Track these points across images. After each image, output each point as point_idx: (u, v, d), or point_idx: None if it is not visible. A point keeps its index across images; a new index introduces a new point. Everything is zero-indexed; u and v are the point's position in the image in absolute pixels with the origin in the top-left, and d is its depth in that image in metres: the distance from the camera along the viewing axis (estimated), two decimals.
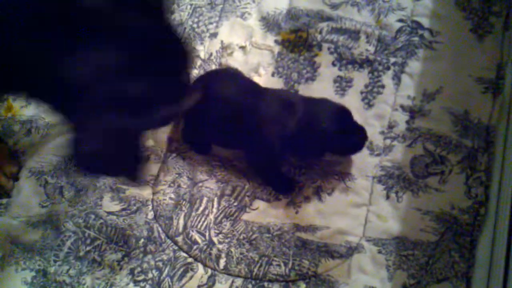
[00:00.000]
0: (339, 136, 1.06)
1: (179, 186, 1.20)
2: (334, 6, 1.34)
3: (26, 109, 1.36)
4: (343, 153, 1.13)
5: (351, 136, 1.08)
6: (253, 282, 1.10)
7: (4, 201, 1.26)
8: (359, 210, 1.12)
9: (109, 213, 1.20)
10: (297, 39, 1.32)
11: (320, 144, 1.07)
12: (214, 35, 1.36)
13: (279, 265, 1.10)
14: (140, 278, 1.12)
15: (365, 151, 1.16)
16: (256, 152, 1.13)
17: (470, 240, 1.06)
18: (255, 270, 1.10)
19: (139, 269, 1.14)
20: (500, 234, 0.95)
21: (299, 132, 1.07)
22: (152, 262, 1.13)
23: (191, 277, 1.12)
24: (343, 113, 1.08)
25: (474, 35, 1.25)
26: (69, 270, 1.15)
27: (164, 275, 1.12)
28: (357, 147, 1.10)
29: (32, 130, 1.32)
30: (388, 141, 1.17)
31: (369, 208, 1.12)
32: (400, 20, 1.29)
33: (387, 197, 1.12)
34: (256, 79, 1.29)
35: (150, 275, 1.12)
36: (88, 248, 1.17)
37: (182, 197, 1.18)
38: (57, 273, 1.15)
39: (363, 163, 1.16)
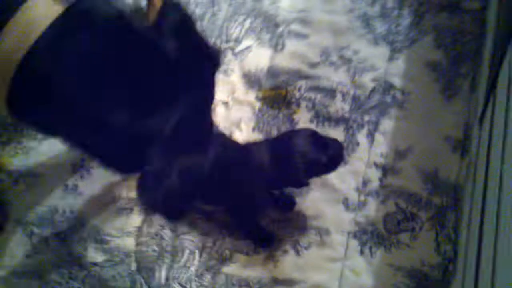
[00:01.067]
0: (316, 154, 1.08)
1: (162, 238, 1.24)
2: (312, 65, 1.41)
3: (14, 159, 1.39)
4: (327, 170, 1.13)
5: (327, 149, 1.10)
6: None
7: None
8: (334, 265, 1.18)
9: (93, 263, 1.23)
10: (276, 96, 1.39)
11: (301, 170, 1.08)
12: None
13: None
14: None
15: (341, 207, 1.22)
16: (236, 207, 1.18)
17: None
18: None
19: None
20: None
21: (276, 170, 1.11)
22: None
23: None
24: (311, 134, 1.11)
25: (443, 96, 1.33)
26: None
27: None
28: (338, 158, 1.12)
29: (19, 180, 1.35)
30: (362, 197, 1.23)
31: (344, 263, 1.17)
32: (374, 80, 1.36)
33: (361, 252, 1.18)
34: (237, 134, 1.34)
35: None
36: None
37: (164, 248, 1.22)
38: None
39: (339, 218, 1.21)
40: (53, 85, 0.80)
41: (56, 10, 0.80)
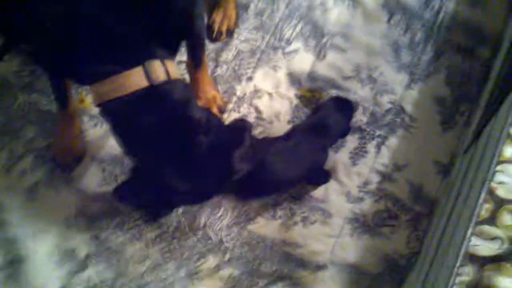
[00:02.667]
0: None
1: None
2: (345, 78, 1.75)
3: (93, 107, 1.74)
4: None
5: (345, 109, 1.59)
6: (246, 275, 1.55)
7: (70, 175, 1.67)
8: (330, 239, 1.58)
9: None
10: (311, 97, 1.73)
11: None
12: (250, 78, 1.77)
13: (267, 267, 1.56)
14: (166, 256, 1.57)
15: (344, 198, 1.61)
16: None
17: (400, 277, 1.53)
18: (249, 266, 1.56)
19: (166, 249, 1.58)
20: (420, 278, 1.41)
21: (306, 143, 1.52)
22: (177, 246, 1.58)
23: (203, 263, 1.56)
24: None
25: (441, 127, 1.68)
26: (116, 239, 1.58)
27: (184, 256, 1.57)
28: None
29: (98, 125, 1.72)
30: (361, 194, 1.62)
31: (337, 240, 1.57)
32: (391, 102, 1.71)
33: (351, 235, 1.58)
34: (275, 122, 1.70)
35: (174, 255, 1.57)
36: (131, 225, 1.60)
37: (207, 203, 1.61)
38: (107, 239, 1.59)
39: (341, 206, 1.60)
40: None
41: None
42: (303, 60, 1.77)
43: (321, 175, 1.57)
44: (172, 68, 1.19)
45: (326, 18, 1.83)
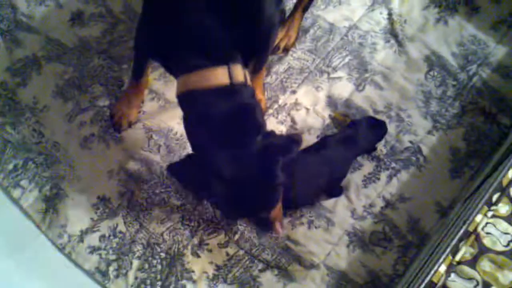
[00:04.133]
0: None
1: None
2: (376, 112, 1.97)
3: (156, 83, 2.00)
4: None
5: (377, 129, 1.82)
6: (248, 256, 1.77)
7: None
8: (328, 245, 1.78)
9: None
10: (342, 121, 1.95)
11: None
12: (293, 92, 2.00)
13: (267, 254, 1.77)
14: (185, 223, 1.80)
15: (349, 213, 1.81)
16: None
17: None
18: (253, 250, 1.77)
19: (187, 217, 1.81)
20: None
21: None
22: (197, 216, 1.81)
23: (214, 237, 1.79)
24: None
25: (450, 174, 1.88)
26: (147, 198, 1.82)
27: (200, 228, 1.79)
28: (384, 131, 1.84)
29: (155, 99, 1.97)
30: (365, 214, 1.82)
31: (334, 247, 1.78)
32: (411, 142, 1.92)
33: (347, 246, 1.78)
34: (306, 135, 1.93)
35: (192, 224, 1.80)
36: (162, 190, 1.84)
37: None
38: (139, 197, 1.83)
39: (344, 219, 1.81)
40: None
41: None
42: (344, 88, 1.99)
43: (337, 188, 1.77)
44: (247, 74, 1.37)
45: (373, 57, 2.05)
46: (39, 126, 1.88)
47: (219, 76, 1.30)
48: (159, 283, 1.69)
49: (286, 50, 2.01)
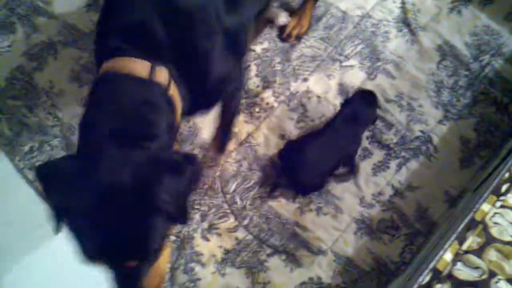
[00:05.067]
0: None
1: (241, 165, 1.89)
2: (387, 100, 1.98)
3: None
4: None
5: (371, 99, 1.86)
6: (257, 241, 1.80)
7: None
8: (336, 232, 1.81)
9: None
10: None
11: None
12: (305, 79, 2.02)
13: (276, 239, 1.80)
14: (196, 207, 1.83)
15: (357, 200, 1.83)
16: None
17: (386, 279, 1.74)
18: (262, 235, 1.80)
19: (197, 201, 1.84)
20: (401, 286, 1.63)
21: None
22: (207, 201, 1.84)
23: (224, 221, 1.82)
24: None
25: (460, 164, 1.88)
26: None
27: (210, 212, 1.83)
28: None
29: None
30: (373, 201, 1.84)
31: (342, 234, 1.80)
32: (421, 131, 1.93)
33: (355, 233, 1.80)
34: (317, 121, 1.94)
35: (202, 209, 1.83)
36: None
37: (240, 173, 1.87)
38: None
39: (352, 207, 1.83)
40: None
41: None
42: (356, 76, 2.00)
43: (352, 164, 1.82)
44: (173, 86, 1.22)
45: (385, 45, 2.05)
46: (55, 110, 1.92)
47: (139, 68, 1.16)
48: (169, 265, 1.72)
49: (298, 38, 2.03)
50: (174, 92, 1.22)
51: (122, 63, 1.17)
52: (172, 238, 1.77)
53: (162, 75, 1.19)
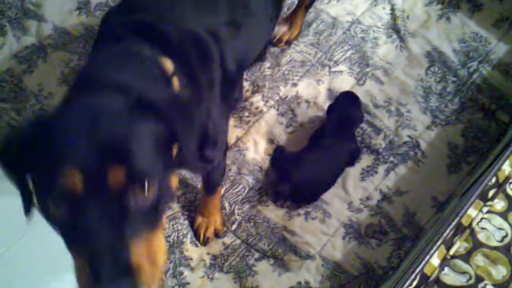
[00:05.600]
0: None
1: (230, 170, 1.89)
2: (376, 106, 1.99)
3: None
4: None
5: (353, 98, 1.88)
6: (245, 245, 1.80)
7: None
8: (324, 237, 1.81)
9: None
10: None
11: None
12: (294, 84, 2.02)
13: (264, 244, 1.80)
14: (186, 212, 1.83)
15: (346, 205, 1.84)
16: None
17: (374, 284, 1.75)
18: (250, 239, 1.80)
19: (187, 207, 1.84)
20: None
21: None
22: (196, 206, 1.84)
23: None
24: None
25: (448, 170, 1.90)
26: None
27: None
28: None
29: None
30: (361, 206, 1.85)
31: (330, 238, 1.81)
32: (409, 136, 1.94)
33: (343, 238, 1.81)
34: (306, 127, 1.95)
35: (192, 214, 1.83)
36: None
37: (229, 177, 1.87)
38: None
39: (341, 211, 1.83)
40: None
41: None
42: (345, 81, 2.02)
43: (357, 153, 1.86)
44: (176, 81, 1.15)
45: (375, 51, 2.07)
46: (44, 113, 1.91)
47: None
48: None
49: (288, 43, 2.04)
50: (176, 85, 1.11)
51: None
52: None
53: (168, 65, 1.10)
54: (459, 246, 1.42)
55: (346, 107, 1.82)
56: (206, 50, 1.21)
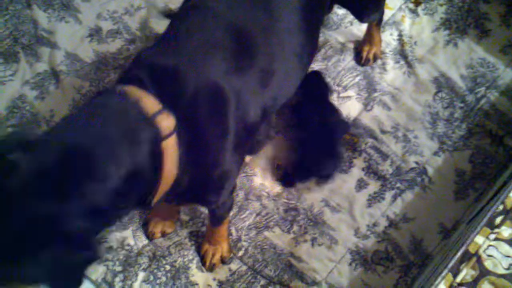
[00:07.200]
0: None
1: (237, 195, 1.90)
2: (383, 132, 1.99)
3: None
4: None
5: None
6: (251, 271, 1.80)
7: None
8: (330, 263, 1.81)
9: None
10: (350, 140, 1.98)
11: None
12: None
13: (270, 270, 1.80)
14: (192, 238, 1.84)
15: (352, 231, 1.84)
16: None
17: None
18: (256, 265, 1.81)
19: (194, 233, 1.85)
20: None
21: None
22: (203, 232, 1.85)
23: None
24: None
25: (455, 196, 1.89)
26: None
27: None
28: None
29: None
30: (368, 233, 1.85)
31: (337, 265, 1.81)
32: (416, 162, 1.94)
33: (350, 264, 1.81)
34: None
35: (199, 239, 1.84)
36: None
37: (236, 203, 1.89)
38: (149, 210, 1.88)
39: (347, 237, 1.83)
40: None
41: None
42: (353, 107, 2.03)
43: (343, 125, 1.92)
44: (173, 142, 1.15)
45: (382, 77, 2.08)
46: None
47: (148, 103, 1.12)
48: None
49: (375, 58, 2.08)
50: (170, 147, 1.10)
51: (135, 91, 1.11)
52: (167, 267, 1.78)
53: (166, 122, 1.09)
54: (466, 273, 1.41)
55: (311, 88, 1.90)
56: (221, 102, 1.20)
